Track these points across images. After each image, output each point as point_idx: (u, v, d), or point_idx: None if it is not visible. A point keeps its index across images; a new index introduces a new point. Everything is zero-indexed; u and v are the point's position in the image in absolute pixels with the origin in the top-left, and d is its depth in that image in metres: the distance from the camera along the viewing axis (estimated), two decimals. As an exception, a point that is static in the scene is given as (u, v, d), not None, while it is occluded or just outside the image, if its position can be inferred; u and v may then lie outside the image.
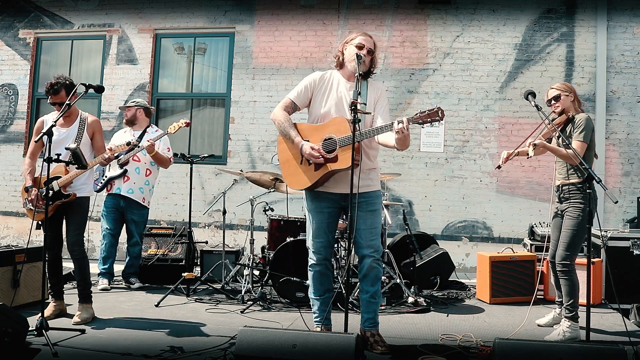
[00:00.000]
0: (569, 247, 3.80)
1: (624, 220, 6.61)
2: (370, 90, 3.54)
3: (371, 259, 3.42)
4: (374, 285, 3.47)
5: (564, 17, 6.94)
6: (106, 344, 3.46)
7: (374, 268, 3.44)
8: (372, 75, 3.60)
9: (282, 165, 3.58)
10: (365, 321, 3.51)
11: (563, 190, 3.91)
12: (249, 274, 5.02)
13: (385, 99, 3.56)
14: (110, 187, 5.44)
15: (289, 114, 3.53)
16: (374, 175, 3.55)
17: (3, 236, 7.89)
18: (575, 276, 3.81)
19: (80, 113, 4.21)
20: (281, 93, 7.35)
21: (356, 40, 3.49)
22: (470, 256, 6.84)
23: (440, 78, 7.12)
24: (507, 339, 2.98)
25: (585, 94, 6.81)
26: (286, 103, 3.55)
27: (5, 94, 8.12)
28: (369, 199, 3.46)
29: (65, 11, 8.03)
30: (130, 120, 5.61)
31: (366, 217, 3.43)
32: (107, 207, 5.47)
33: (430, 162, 7.06)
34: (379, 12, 7.31)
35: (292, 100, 3.54)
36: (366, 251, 3.43)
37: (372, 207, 3.47)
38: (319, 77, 3.56)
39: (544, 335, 3.84)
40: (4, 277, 4.24)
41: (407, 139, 3.22)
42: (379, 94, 3.54)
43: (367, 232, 3.43)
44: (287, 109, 3.53)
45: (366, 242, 3.42)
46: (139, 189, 5.48)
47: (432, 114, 3.14)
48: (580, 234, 3.78)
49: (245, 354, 2.90)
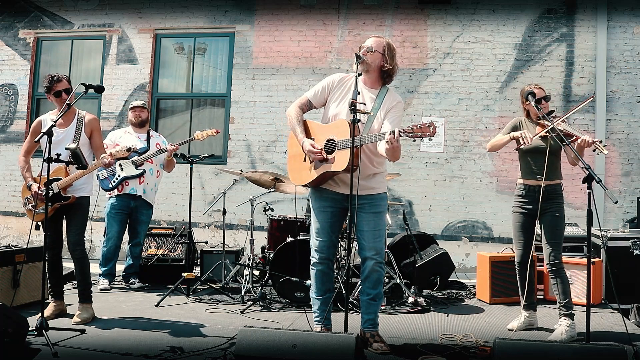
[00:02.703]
0: (560, 245, 3.83)
1: (624, 220, 6.61)
2: (388, 97, 3.50)
3: (373, 262, 3.43)
4: (375, 287, 3.47)
5: (564, 17, 6.94)
6: (106, 344, 3.46)
7: (375, 271, 3.44)
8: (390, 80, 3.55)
9: (289, 160, 3.68)
10: (365, 322, 3.52)
11: (548, 191, 3.85)
12: (249, 274, 5.02)
13: (400, 111, 3.50)
14: (121, 187, 5.34)
15: (304, 111, 3.59)
16: (379, 179, 3.54)
17: (3, 236, 7.89)
18: (565, 273, 3.84)
19: (78, 112, 4.18)
20: (281, 93, 7.37)
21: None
22: (470, 256, 6.85)
23: (440, 78, 7.12)
24: (507, 339, 2.98)
25: (585, 94, 6.81)
26: (302, 101, 3.61)
27: (5, 94, 8.13)
28: (373, 201, 3.47)
29: (65, 11, 8.03)
30: (145, 121, 5.59)
31: (370, 219, 3.44)
32: (116, 208, 5.36)
33: (430, 162, 7.06)
34: (379, 12, 7.31)
35: (308, 99, 3.60)
36: (369, 253, 3.43)
37: (376, 209, 3.47)
38: (338, 79, 3.56)
39: (544, 335, 3.84)
40: (4, 277, 4.24)
41: (397, 151, 3.18)
42: (395, 104, 3.47)
43: (370, 234, 3.43)
44: (302, 106, 3.59)
45: (369, 244, 3.43)
46: (151, 189, 5.50)
47: (424, 129, 3.04)
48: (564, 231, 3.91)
49: (245, 354, 2.89)
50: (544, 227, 3.89)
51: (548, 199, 3.86)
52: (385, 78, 3.53)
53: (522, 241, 4.03)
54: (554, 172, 3.88)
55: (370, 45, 3.47)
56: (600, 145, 3.51)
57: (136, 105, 5.61)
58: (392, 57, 3.50)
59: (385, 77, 3.52)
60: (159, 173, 5.60)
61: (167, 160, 5.44)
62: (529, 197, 3.94)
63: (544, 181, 3.83)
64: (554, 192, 3.88)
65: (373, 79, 3.53)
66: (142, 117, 5.55)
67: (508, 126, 4.11)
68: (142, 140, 5.45)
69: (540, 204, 3.85)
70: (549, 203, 3.86)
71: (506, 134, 4.03)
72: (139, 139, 5.44)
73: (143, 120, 5.57)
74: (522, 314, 4.09)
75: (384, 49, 3.48)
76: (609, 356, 2.72)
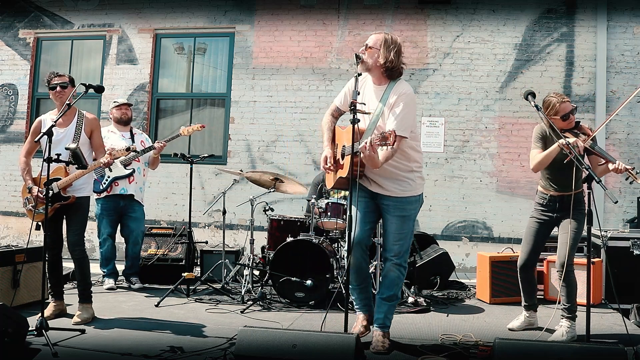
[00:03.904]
0: (575, 249, 3.80)
1: (624, 220, 6.61)
2: (391, 93, 3.36)
3: (390, 263, 3.46)
4: (390, 289, 3.49)
5: (564, 17, 6.94)
6: (106, 344, 3.46)
7: (392, 271, 3.47)
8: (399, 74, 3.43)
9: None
10: (376, 320, 3.53)
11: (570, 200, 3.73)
12: (249, 274, 5.02)
13: (401, 104, 3.28)
14: (111, 188, 5.34)
15: (335, 117, 3.67)
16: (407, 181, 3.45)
17: (3, 236, 7.89)
18: (574, 277, 3.81)
19: (78, 111, 4.16)
20: (281, 93, 7.37)
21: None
22: (470, 256, 6.84)
23: (440, 78, 7.12)
24: (507, 339, 2.98)
25: (585, 94, 6.81)
26: (332, 107, 3.69)
27: (5, 94, 8.13)
28: (399, 204, 3.46)
29: (65, 11, 8.03)
30: (130, 119, 5.60)
31: (393, 221, 3.46)
32: (107, 209, 5.35)
33: (430, 162, 7.06)
34: (379, 12, 7.30)
35: (336, 105, 3.68)
36: (388, 254, 3.49)
37: (401, 213, 3.46)
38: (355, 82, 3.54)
39: (544, 335, 3.84)
40: (4, 277, 4.24)
41: (372, 159, 3.10)
42: (394, 100, 3.31)
43: (392, 236, 3.47)
44: (333, 113, 3.67)
45: (390, 246, 3.48)
46: (139, 188, 5.50)
47: (385, 137, 2.96)
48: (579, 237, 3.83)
49: (245, 354, 2.89)
50: (561, 229, 3.85)
51: (569, 208, 3.74)
52: (389, 73, 3.40)
53: (529, 246, 3.98)
54: (577, 182, 3.76)
55: (366, 43, 3.44)
56: (633, 172, 3.41)
57: (122, 102, 5.61)
58: (389, 51, 3.34)
59: (388, 72, 3.39)
60: (145, 171, 5.59)
61: (153, 157, 5.47)
62: (549, 207, 3.89)
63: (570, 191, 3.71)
64: (577, 200, 3.78)
65: (377, 76, 3.45)
66: (128, 114, 5.56)
67: (536, 137, 3.88)
68: (127, 139, 5.44)
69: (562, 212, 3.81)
70: (569, 211, 3.74)
71: (537, 145, 3.85)
72: (123, 137, 5.42)
73: (129, 118, 5.58)
74: (522, 314, 4.10)
75: (381, 44, 3.37)
76: (609, 356, 2.73)
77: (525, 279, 4.03)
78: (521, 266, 4.03)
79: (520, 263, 4.03)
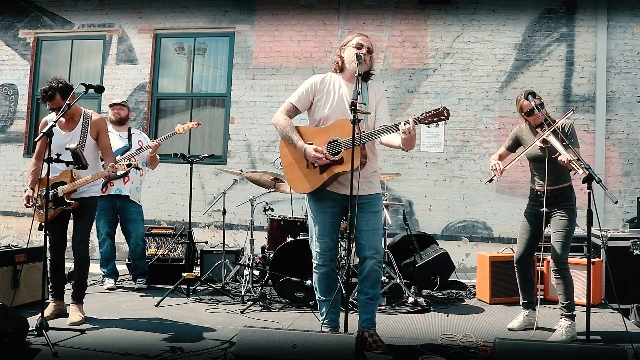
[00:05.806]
0: (566, 247, 3.82)
1: (624, 220, 6.61)
2: (372, 91, 3.55)
3: (373, 261, 3.43)
4: (373, 287, 3.47)
5: (564, 17, 6.94)
6: (106, 344, 3.46)
7: (375, 270, 3.44)
8: (371, 76, 3.61)
9: (285, 170, 3.56)
10: (363, 322, 3.51)
11: (554, 195, 3.89)
12: (249, 274, 5.02)
13: (386, 101, 3.61)
14: (106, 188, 5.31)
15: (290, 117, 3.51)
16: (375, 178, 3.57)
17: (3, 236, 7.89)
18: (570, 275, 3.83)
19: (83, 112, 4.13)
20: (281, 93, 7.36)
21: (354, 41, 3.49)
22: (470, 256, 6.84)
23: (440, 78, 7.13)
24: (507, 339, 2.97)
25: (585, 94, 6.82)
26: (287, 107, 3.53)
27: (5, 94, 8.13)
28: (371, 201, 3.47)
29: (65, 11, 8.03)
30: (124, 119, 5.56)
31: (369, 218, 3.44)
32: (104, 209, 5.32)
33: (430, 162, 7.06)
34: (379, 12, 7.31)
35: (293, 104, 3.53)
36: (368, 252, 3.43)
37: (374, 209, 3.48)
38: (319, 80, 3.54)
39: (544, 335, 3.84)
40: (4, 277, 4.24)
41: (414, 139, 3.24)
42: (380, 96, 3.56)
43: (370, 234, 3.43)
44: (288, 112, 3.51)
45: (368, 244, 3.43)
46: (136, 188, 5.48)
47: (438, 114, 3.15)
48: (572, 234, 3.88)
49: (245, 354, 2.89)
50: (552, 228, 3.91)
51: (556, 202, 3.89)
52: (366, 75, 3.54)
53: (523, 240, 4.07)
54: (558, 176, 3.88)
55: (367, 46, 3.49)
56: (577, 164, 3.48)
57: (115, 102, 5.58)
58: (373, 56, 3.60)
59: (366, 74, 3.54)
60: (142, 171, 5.56)
61: (150, 157, 5.41)
62: (537, 200, 3.99)
63: (547, 186, 3.88)
64: (560, 195, 3.88)
65: (349, 75, 3.52)
66: (121, 114, 5.50)
67: (509, 137, 4.22)
68: (124, 139, 5.43)
69: (548, 207, 3.90)
70: (557, 206, 3.89)
71: (507, 145, 4.21)
72: (120, 137, 5.41)
73: (122, 118, 5.51)
74: (521, 313, 4.11)
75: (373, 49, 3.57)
76: (609, 356, 2.73)
77: (522, 275, 4.08)
78: (517, 260, 4.09)
79: (515, 257, 4.11)
